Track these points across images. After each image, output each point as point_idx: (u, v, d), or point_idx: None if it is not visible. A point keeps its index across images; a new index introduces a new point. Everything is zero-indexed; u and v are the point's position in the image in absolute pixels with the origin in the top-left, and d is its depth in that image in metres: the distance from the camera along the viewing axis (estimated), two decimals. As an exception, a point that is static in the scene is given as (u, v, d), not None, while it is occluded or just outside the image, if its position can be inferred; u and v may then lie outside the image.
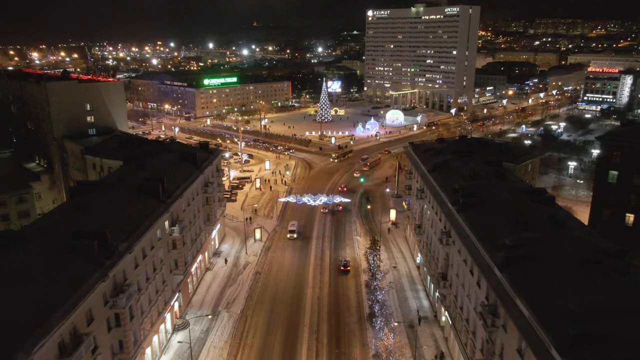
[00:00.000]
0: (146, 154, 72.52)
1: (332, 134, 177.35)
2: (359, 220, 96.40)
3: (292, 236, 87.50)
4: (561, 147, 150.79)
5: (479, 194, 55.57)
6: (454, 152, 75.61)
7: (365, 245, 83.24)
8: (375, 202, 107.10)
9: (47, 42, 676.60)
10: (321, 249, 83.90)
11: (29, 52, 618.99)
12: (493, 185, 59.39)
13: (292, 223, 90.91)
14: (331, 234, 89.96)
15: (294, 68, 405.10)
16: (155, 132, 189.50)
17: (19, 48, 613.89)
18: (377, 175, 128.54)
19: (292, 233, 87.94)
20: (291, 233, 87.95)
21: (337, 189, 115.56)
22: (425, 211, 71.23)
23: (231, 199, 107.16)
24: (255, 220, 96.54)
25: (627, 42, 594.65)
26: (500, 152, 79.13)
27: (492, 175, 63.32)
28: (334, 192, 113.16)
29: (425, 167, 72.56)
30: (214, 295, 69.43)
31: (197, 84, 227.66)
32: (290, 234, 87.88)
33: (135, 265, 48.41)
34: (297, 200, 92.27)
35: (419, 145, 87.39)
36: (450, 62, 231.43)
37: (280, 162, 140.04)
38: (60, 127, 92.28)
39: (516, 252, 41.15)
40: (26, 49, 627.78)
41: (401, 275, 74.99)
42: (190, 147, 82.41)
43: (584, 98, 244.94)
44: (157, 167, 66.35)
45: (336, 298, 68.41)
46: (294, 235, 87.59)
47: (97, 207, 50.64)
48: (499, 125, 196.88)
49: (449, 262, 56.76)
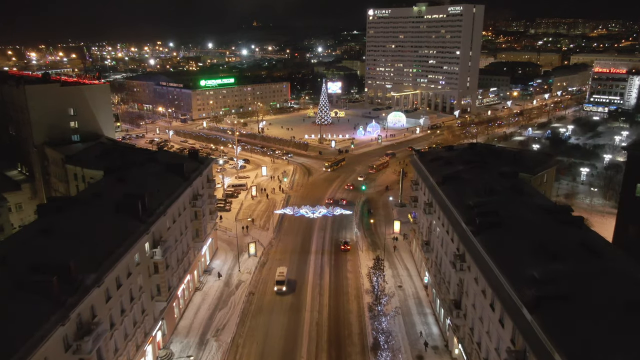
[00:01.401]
0: (129, 164, 66.55)
1: (332, 137, 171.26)
2: (360, 232, 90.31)
3: (280, 289, 67.28)
4: (570, 152, 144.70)
5: (497, 213, 49.53)
6: (465, 162, 69.56)
7: (367, 260, 77.29)
8: (377, 212, 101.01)
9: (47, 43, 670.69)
10: (320, 265, 77.83)
11: (27, 52, 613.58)
12: (511, 201, 53.36)
13: (280, 272, 69.76)
14: (331, 248, 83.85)
15: (294, 68, 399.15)
16: (149, 135, 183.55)
17: (17, 48, 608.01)
18: (380, 182, 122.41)
19: (281, 285, 67.35)
20: (279, 285, 67.42)
21: (344, 187, 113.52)
22: (434, 227, 65.14)
23: (225, 208, 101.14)
24: (250, 231, 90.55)
25: (629, 42, 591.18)
26: (513, 161, 72.97)
27: (509, 189, 57.28)
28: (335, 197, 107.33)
29: (433, 178, 66.46)
30: (202, 320, 63.32)
31: (193, 85, 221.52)
32: (277, 286, 67.50)
33: (106, 298, 42.32)
34: (295, 212, 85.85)
35: (426, 154, 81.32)
36: (454, 62, 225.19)
37: (278, 168, 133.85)
38: (40, 133, 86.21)
39: (548, 289, 35.04)
40: (24, 49, 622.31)
41: (407, 296, 68.89)
42: (177, 157, 76.31)
43: (590, 99, 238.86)
44: (139, 180, 60.29)
45: (336, 323, 62.31)
46: (283, 288, 67.24)
47: (65, 230, 44.58)
48: (504, 128, 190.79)
49: (463, 289, 50.66)
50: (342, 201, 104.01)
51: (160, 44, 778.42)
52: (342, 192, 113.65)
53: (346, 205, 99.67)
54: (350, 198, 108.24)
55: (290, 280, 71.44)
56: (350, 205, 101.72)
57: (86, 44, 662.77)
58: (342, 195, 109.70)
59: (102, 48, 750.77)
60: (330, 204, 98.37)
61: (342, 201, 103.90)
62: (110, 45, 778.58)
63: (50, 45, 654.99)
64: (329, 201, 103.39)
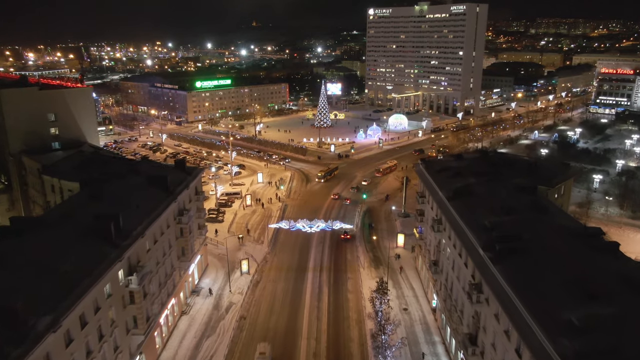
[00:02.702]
0: (109, 176, 60.47)
1: (331, 140, 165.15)
2: (362, 247, 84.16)
3: None
4: (580, 156, 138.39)
5: (519, 237, 43.49)
6: (476, 174, 63.46)
7: (369, 279, 71.36)
8: (380, 223, 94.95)
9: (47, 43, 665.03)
10: (318, 285, 71.70)
11: (25, 52, 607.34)
12: (533, 222, 47.31)
13: (261, 352, 53.38)
14: (330, 265, 77.68)
15: (293, 69, 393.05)
16: (142, 138, 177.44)
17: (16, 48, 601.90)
18: (382, 189, 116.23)
19: None
20: None
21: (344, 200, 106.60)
22: (444, 247, 59.03)
23: (217, 219, 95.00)
24: (244, 243, 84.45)
25: (630, 42, 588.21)
26: (529, 171, 66.96)
27: (529, 207, 51.22)
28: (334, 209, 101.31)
29: (443, 192, 60.32)
30: (187, 350, 57.16)
31: (188, 86, 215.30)
32: None
33: (66, 342, 36.17)
34: (291, 226, 79.44)
35: (432, 163, 75.17)
36: (456, 63, 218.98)
37: (275, 174, 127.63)
38: (17, 140, 79.99)
39: (595, 341, 28.97)
40: (22, 50, 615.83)
41: (413, 321, 62.76)
42: (162, 167, 69.95)
43: (597, 100, 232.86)
44: (116, 196, 54.12)
45: (336, 354, 56.23)
46: None
47: (19, 261, 38.46)
48: (508, 131, 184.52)
49: (480, 323, 44.55)
50: (346, 201, 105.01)
51: (160, 44, 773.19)
52: (338, 209, 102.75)
53: (346, 217, 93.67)
54: (349, 210, 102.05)
55: (286, 299, 65.51)
56: (350, 216, 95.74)
57: (85, 44, 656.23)
58: (337, 213, 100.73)
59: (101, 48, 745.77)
60: (336, 199, 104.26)
61: (346, 201, 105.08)
62: (110, 45, 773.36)
63: (50, 45, 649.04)
64: (335, 197, 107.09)
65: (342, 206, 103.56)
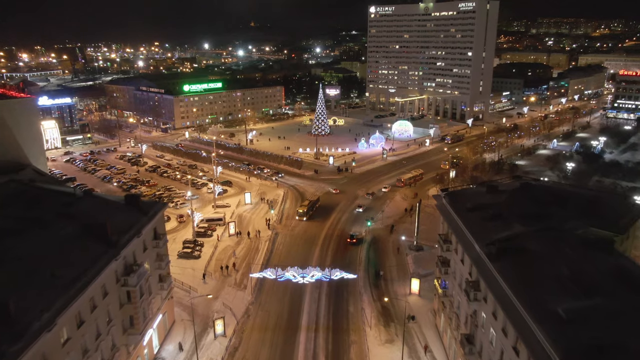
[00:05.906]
0: (28, 224, 44.57)
1: (329, 150, 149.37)
2: (367, 294, 68.22)
3: None
4: (608, 170, 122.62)
5: (619, 346, 27.80)
6: (521, 216, 47.54)
7: (378, 344, 55.92)
8: (387, 258, 79.16)
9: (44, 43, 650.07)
10: (313, 351, 55.98)
11: (19, 53, 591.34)
12: (625, 309, 31.70)
13: None
14: (328, 322, 61.76)
15: (290, 70, 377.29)
16: (122, 148, 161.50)
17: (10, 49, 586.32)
18: (389, 212, 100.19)
19: None
20: None
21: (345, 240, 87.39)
22: (484, 322, 43.17)
23: (193, 254, 79.15)
24: (222, 290, 68.65)
25: (633, 42, 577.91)
26: (586, 209, 51.14)
27: (613, 278, 35.57)
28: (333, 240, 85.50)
29: (480, 246, 44.45)
30: None
31: (176, 90, 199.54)
32: None
33: None
34: (278, 276, 62.55)
35: (458, 195, 59.09)
36: (465, 64, 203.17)
37: (266, 192, 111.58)
38: (-63, 165, 64.06)
39: None
40: (16, 50, 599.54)
41: (439, 414, 47.02)
42: (109, 205, 53.32)
43: (614, 105, 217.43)
44: (24, 260, 38.27)
45: None
46: None
47: None
48: (523, 139, 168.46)
49: None
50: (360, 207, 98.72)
51: (158, 45, 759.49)
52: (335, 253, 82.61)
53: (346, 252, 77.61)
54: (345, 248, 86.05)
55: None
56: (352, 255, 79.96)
57: (82, 45, 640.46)
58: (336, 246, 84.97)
59: (98, 49, 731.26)
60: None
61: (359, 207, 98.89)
62: (107, 46, 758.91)
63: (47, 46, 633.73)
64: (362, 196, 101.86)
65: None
